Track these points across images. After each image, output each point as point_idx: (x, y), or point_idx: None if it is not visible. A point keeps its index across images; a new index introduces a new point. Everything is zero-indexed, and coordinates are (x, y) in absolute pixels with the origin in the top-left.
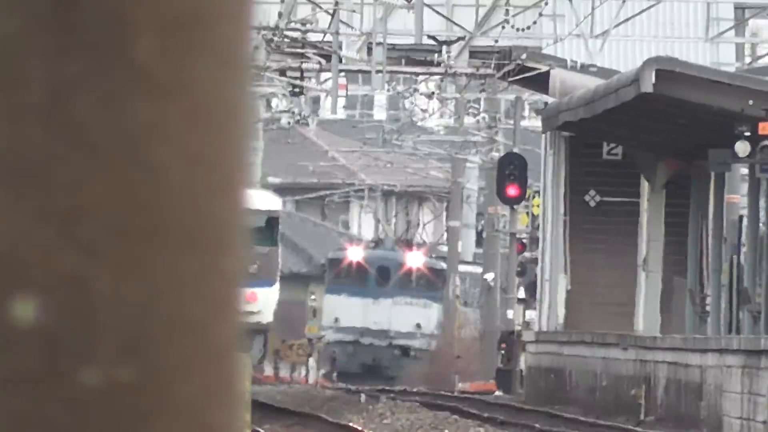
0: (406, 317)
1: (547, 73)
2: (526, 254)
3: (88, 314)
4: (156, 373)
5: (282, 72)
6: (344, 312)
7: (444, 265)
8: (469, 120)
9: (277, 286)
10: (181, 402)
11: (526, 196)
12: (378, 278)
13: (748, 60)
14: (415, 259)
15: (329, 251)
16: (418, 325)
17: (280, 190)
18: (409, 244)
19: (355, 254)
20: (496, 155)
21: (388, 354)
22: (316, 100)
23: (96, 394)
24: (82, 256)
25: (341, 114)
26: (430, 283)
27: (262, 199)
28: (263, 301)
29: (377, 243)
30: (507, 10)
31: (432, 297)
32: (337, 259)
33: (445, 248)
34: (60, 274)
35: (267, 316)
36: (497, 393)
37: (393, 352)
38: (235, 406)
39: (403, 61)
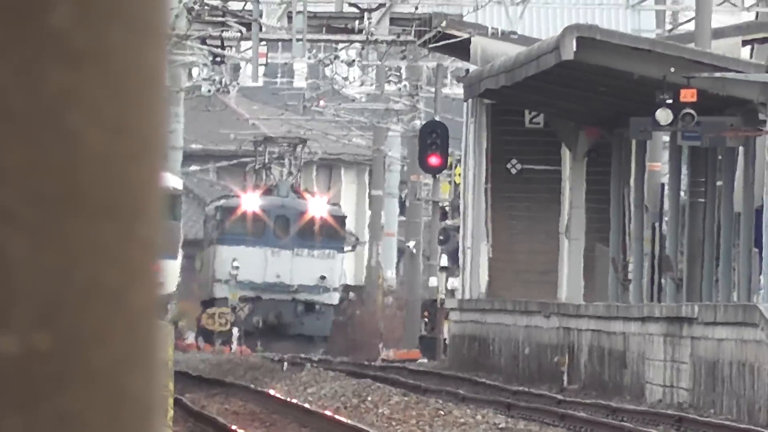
0: (309, 270)
1: (468, 40)
2: (449, 222)
3: (3, 281)
4: (72, 340)
5: (203, 40)
6: (240, 265)
7: (345, 213)
8: (390, 87)
9: (179, 259)
10: (98, 369)
11: (448, 164)
12: (277, 228)
13: (669, 27)
14: (317, 207)
15: (219, 199)
16: (323, 278)
17: (202, 157)
18: (306, 190)
19: (250, 202)
20: (418, 123)
21: (291, 309)
22: (236, 68)
23: (12, 362)
24: None
25: (261, 82)
26: (334, 233)
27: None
28: (167, 273)
29: (271, 189)
30: None
31: (336, 247)
32: (230, 207)
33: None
34: None
35: (170, 287)
36: (421, 360)
37: (296, 308)
38: (155, 373)
39: (324, 28)
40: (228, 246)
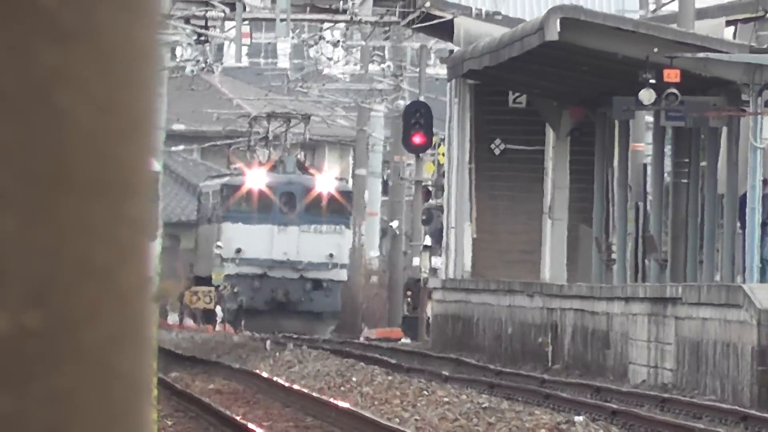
0: (317, 246)
1: (452, 21)
2: (432, 202)
3: None
4: (63, 319)
5: (186, 20)
6: (247, 242)
7: (351, 188)
8: (374, 68)
9: (158, 240)
10: (88, 348)
11: (432, 144)
12: (283, 204)
13: (652, 7)
14: (324, 183)
15: (219, 176)
16: (331, 255)
17: (185, 138)
18: (312, 165)
19: (256, 179)
20: (401, 103)
21: (299, 287)
22: (220, 48)
23: (3, 341)
24: None
25: (245, 62)
26: (341, 208)
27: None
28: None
29: (276, 165)
30: None
31: (344, 223)
32: (236, 184)
33: None
34: None
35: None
36: (403, 340)
37: (304, 286)
38: (144, 352)
39: (308, 8)
40: (233, 223)
